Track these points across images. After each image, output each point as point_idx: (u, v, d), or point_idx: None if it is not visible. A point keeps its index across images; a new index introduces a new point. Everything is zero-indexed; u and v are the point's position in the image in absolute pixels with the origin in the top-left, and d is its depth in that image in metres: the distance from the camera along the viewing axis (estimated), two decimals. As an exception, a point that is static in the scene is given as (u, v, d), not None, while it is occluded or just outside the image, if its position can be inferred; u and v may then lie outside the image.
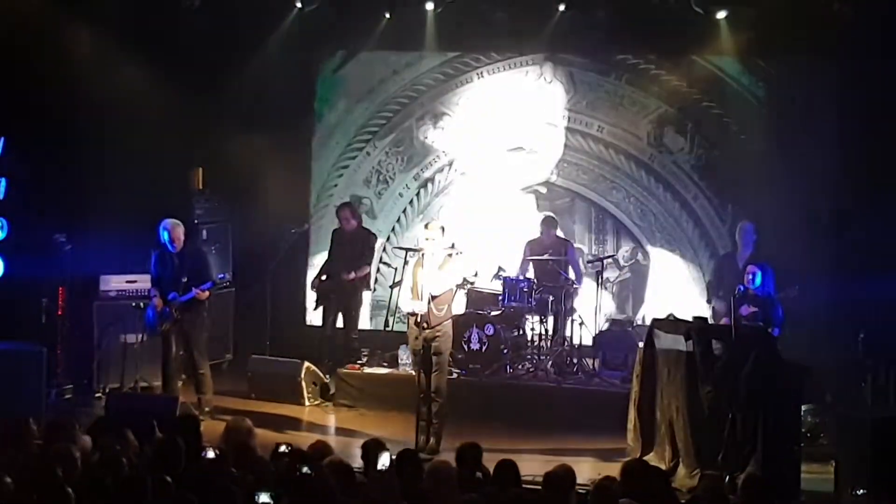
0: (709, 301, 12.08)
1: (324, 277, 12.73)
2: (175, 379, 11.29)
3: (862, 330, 10.95)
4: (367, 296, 13.39)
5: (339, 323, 12.80)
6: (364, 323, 13.73)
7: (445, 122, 13.98)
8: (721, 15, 12.44)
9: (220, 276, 11.27)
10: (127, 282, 12.07)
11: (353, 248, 12.67)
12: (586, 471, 8.19)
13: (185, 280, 11.03)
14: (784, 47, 12.73)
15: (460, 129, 13.93)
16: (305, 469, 6.60)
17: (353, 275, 12.58)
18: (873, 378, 10.58)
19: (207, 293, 11.12)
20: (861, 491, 8.46)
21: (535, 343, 12.53)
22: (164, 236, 11.13)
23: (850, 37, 12.06)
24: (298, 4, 13.09)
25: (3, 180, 11.84)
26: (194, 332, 11.21)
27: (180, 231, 11.21)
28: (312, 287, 12.83)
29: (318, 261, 13.45)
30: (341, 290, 12.64)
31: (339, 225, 12.77)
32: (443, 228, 10.16)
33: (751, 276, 10.71)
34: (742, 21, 12.40)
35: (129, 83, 12.45)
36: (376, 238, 13.19)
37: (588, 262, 13.12)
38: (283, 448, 7.27)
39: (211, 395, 11.33)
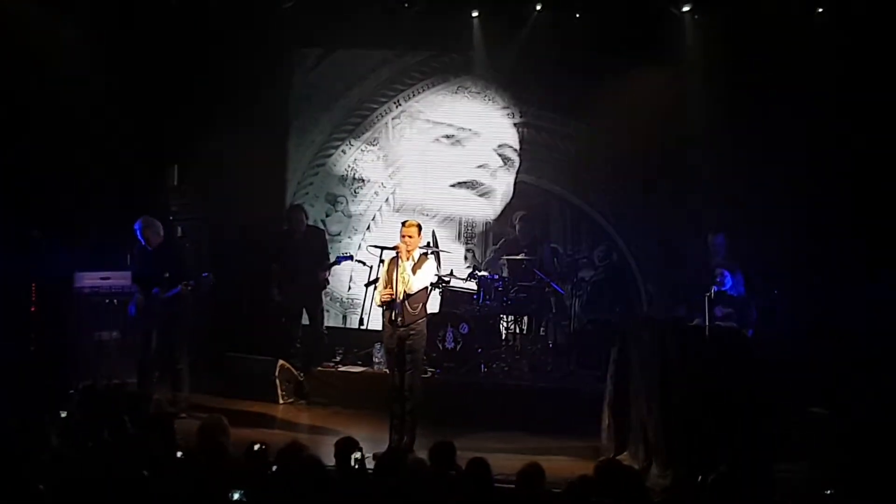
0: (682, 300, 12.11)
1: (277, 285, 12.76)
2: (151, 375, 11.26)
3: (835, 332, 11.04)
4: (341, 294, 13.63)
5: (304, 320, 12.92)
6: (338, 321, 13.79)
7: (421, 122, 14.00)
8: (698, 18, 12.50)
9: (203, 275, 11.20)
10: (101, 278, 12.00)
11: (313, 246, 12.72)
12: (560, 470, 8.18)
13: (167, 276, 11.01)
14: (761, 51, 12.79)
15: (433, 130, 13.97)
16: (275, 468, 6.59)
17: (328, 272, 12.67)
18: (846, 378, 10.65)
19: (191, 289, 11.11)
20: (829, 491, 8.50)
21: (510, 342, 12.56)
22: (137, 234, 11.12)
23: (825, 40, 12.15)
24: (273, 11, 13.12)
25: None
26: (176, 328, 11.19)
27: (150, 232, 11.15)
28: (276, 296, 12.77)
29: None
30: (309, 289, 12.68)
31: (289, 227, 12.79)
32: (419, 227, 10.16)
33: (719, 279, 10.74)
34: (719, 25, 12.45)
35: (104, 79, 12.39)
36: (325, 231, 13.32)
37: (563, 261, 13.14)
38: (256, 447, 7.26)
39: (187, 392, 11.30)
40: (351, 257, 12.79)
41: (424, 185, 14.04)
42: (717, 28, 12.48)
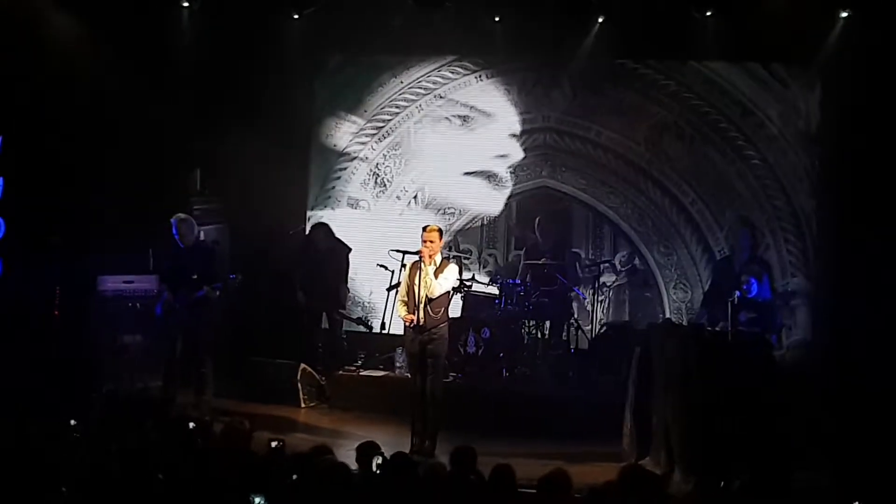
0: (705, 306, 12.08)
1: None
2: (176, 378, 11.27)
3: (858, 337, 10.99)
4: (363, 298, 13.81)
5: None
6: (359, 325, 13.78)
7: (443, 126, 14.00)
8: (719, 20, 12.46)
9: (231, 276, 11.20)
10: (124, 282, 12.02)
11: (332, 263, 12.90)
12: (582, 476, 8.15)
13: (194, 277, 11.03)
14: (782, 53, 12.79)
15: (455, 134, 13.97)
16: (295, 476, 6.59)
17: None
18: (867, 386, 10.60)
19: (217, 293, 11.12)
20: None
21: (532, 347, 12.53)
22: (172, 231, 11.15)
23: (847, 42, 12.13)
24: (296, 16, 13.18)
25: (1, 180, 11.84)
26: (201, 331, 11.18)
27: (186, 227, 11.18)
28: (301, 299, 12.82)
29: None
30: (329, 294, 12.81)
31: (313, 243, 12.87)
32: (440, 231, 10.16)
33: (745, 286, 10.66)
34: (740, 27, 12.41)
35: (127, 83, 12.42)
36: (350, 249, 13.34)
37: (585, 266, 13.11)
38: (274, 444, 7.27)
39: (210, 395, 11.30)
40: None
41: (447, 187, 14.01)
42: (740, 31, 12.42)
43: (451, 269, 10.16)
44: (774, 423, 9.00)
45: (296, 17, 13.43)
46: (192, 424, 7.66)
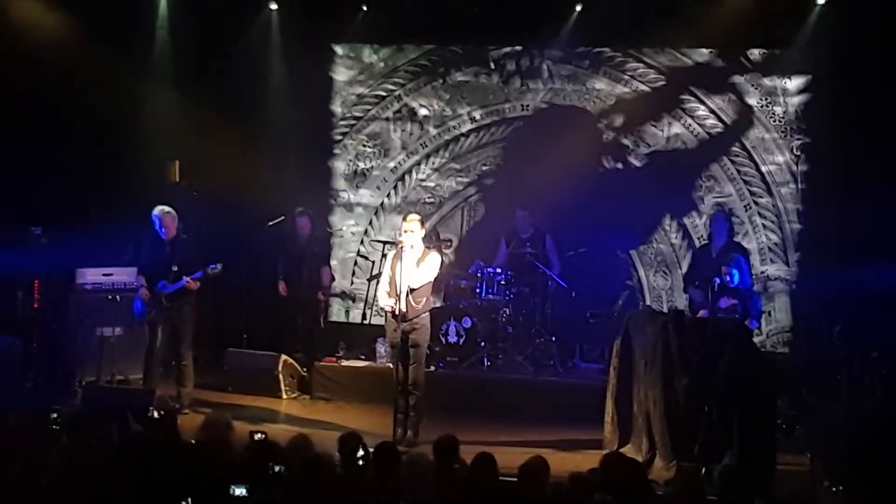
0: (685, 293, 12.10)
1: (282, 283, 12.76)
2: (156, 371, 11.23)
3: (838, 322, 11.03)
4: (344, 288, 13.90)
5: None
6: (340, 316, 13.78)
7: (422, 116, 13.98)
8: (697, 8, 12.49)
9: (211, 266, 11.10)
10: (103, 275, 11.98)
11: (315, 250, 12.88)
12: (563, 463, 8.17)
13: (175, 269, 10.99)
14: (760, 40, 12.82)
15: (436, 123, 13.94)
16: (278, 468, 6.59)
17: (330, 276, 12.98)
18: (848, 370, 10.65)
19: (198, 283, 11.07)
20: (839, 488, 8.48)
21: (513, 336, 12.53)
22: (156, 224, 11.09)
23: (828, 30, 12.18)
24: (273, 6, 13.18)
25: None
26: (182, 323, 11.15)
27: (170, 219, 11.15)
28: (282, 290, 12.74)
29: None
30: (310, 285, 12.73)
31: (295, 231, 12.76)
32: (421, 221, 10.15)
33: (728, 277, 10.63)
34: (718, 14, 12.43)
35: (107, 77, 12.38)
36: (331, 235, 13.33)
37: (565, 255, 13.09)
38: (258, 436, 7.26)
39: (191, 387, 11.29)
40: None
41: (427, 177, 14.00)
42: (716, 18, 12.43)
43: (433, 258, 10.14)
44: (755, 408, 9.02)
45: (274, 7, 13.45)
46: (156, 414, 7.66)
